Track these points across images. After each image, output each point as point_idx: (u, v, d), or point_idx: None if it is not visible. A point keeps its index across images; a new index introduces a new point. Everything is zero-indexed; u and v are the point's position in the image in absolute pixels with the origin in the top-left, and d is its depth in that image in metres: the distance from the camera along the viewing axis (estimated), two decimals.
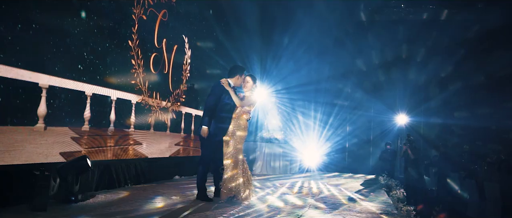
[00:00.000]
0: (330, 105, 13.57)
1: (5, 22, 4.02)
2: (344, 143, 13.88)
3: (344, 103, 14.35)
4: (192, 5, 8.68)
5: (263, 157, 10.87)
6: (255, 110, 11.61)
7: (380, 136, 14.35)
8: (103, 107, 5.75)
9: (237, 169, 5.27)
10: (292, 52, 12.24)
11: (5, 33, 4.03)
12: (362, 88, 14.73)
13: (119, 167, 6.15)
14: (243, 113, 5.44)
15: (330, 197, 6.43)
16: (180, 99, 8.12)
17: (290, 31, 12.08)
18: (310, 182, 8.83)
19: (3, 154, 4.12)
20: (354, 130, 14.69)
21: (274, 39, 12.42)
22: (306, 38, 12.54)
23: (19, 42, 4.22)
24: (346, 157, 13.82)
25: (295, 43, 12.13)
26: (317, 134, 12.93)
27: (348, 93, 14.71)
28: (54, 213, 4.05)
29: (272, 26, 12.32)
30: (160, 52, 7.32)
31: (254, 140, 11.46)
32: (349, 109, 14.35)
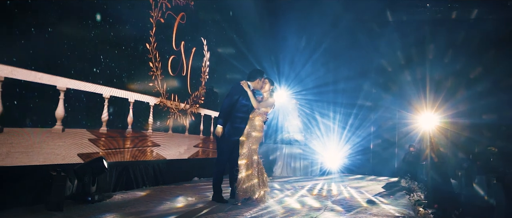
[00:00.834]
0: (352, 107, 13.35)
1: (21, 26, 4.13)
2: (367, 144, 13.61)
3: (367, 104, 14.10)
4: (211, 8, 8.73)
5: (283, 158, 10.80)
6: (275, 112, 11.62)
7: (405, 138, 14.00)
8: (121, 110, 5.83)
9: (251, 169, 5.26)
10: (312, 53, 12.15)
11: (21, 37, 4.14)
12: (387, 89, 14.45)
13: (137, 168, 6.22)
14: (259, 114, 5.47)
15: (349, 200, 6.33)
16: (199, 102, 8.16)
17: (309, 32, 12.00)
18: (330, 185, 8.71)
19: (21, 155, 4.23)
20: (378, 131, 14.40)
21: (293, 40, 12.35)
22: (325, 39, 12.41)
23: (36, 45, 4.34)
24: (370, 159, 13.53)
25: (315, 44, 12.03)
26: (339, 135, 12.75)
27: (371, 94, 14.44)
28: (69, 212, 4.13)
29: (292, 27, 12.25)
30: (178, 55, 7.38)
31: (274, 141, 11.40)
32: (372, 110, 14.08)
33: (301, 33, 12.21)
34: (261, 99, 5.54)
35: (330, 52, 12.77)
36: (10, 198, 4.08)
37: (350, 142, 12.71)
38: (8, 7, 3.97)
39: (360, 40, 13.58)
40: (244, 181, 5.23)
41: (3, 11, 3.92)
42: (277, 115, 11.76)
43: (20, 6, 4.10)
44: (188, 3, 7.66)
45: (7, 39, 4.01)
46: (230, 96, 5.36)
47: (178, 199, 5.50)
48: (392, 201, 6.27)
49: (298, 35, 12.24)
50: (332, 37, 12.45)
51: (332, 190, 7.74)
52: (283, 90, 11.76)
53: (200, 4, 8.10)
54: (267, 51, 11.38)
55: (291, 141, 11.20)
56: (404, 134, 14.35)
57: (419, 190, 7.59)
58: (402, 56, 14.27)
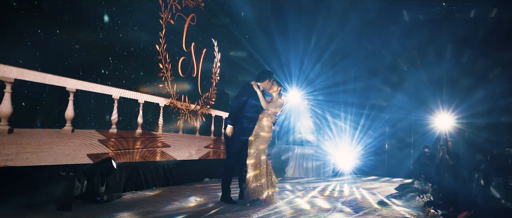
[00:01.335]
0: (365, 107, 13.19)
1: (30, 28, 4.20)
2: (381, 145, 13.43)
3: (381, 104, 13.94)
4: (221, 9, 8.74)
5: (295, 159, 10.74)
6: (287, 113, 11.57)
7: (421, 139, 13.77)
8: (130, 111, 5.88)
9: (259, 169, 5.26)
10: (324, 54, 12.06)
11: (30, 39, 4.21)
12: (402, 89, 14.26)
13: (147, 169, 6.26)
14: (268, 115, 5.48)
15: (360, 201, 6.25)
16: (209, 102, 8.18)
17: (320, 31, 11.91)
18: (343, 186, 8.63)
19: (31, 155, 4.30)
20: (393, 131, 14.21)
21: (304, 41, 12.28)
22: (336, 39, 12.32)
23: (45, 47, 4.40)
24: (385, 160, 13.34)
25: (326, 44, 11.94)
26: (351, 136, 12.62)
27: (386, 94, 14.26)
28: (77, 212, 4.18)
29: (302, 28, 12.19)
30: (189, 56, 7.41)
31: (286, 142, 11.35)
32: (386, 110, 13.90)
33: (312, 34, 12.13)
34: (270, 100, 5.57)
35: (342, 52, 12.65)
36: (20, 198, 4.13)
37: (363, 142, 12.57)
38: (16, 10, 4.03)
39: (374, 40, 13.45)
40: (251, 181, 5.24)
41: (12, 13, 3.99)
42: (289, 116, 11.71)
43: (28, 8, 4.16)
44: (198, 4, 7.69)
45: (17, 41, 4.08)
46: (238, 97, 5.40)
47: (187, 199, 5.51)
48: (403, 203, 6.18)
49: (309, 35, 12.16)
50: (343, 36, 12.35)
51: (344, 191, 7.66)
52: (295, 91, 11.69)
53: (210, 5, 8.12)
54: (279, 52, 11.33)
55: (303, 141, 11.14)
56: (420, 134, 14.13)
57: (432, 192, 7.44)
58: (417, 55, 14.09)
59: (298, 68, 12.02)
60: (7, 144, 4.04)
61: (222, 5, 8.79)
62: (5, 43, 3.98)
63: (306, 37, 12.37)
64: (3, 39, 3.95)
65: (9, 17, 3.98)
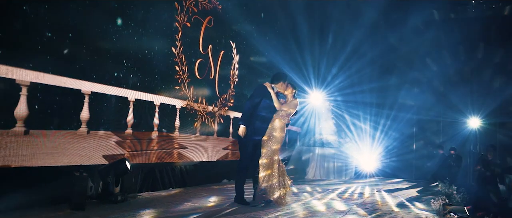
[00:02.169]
0: (390, 107, 12.93)
1: (44, 31, 4.33)
2: (407, 147, 13.13)
3: (410, 104, 13.62)
4: (240, 10, 8.76)
5: (316, 161, 10.63)
6: (308, 114, 11.48)
7: (450, 140, 13.36)
8: (146, 113, 5.97)
9: (271, 169, 5.25)
10: (346, 54, 11.91)
11: (45, 42, 4.34)
12: (431, 89, 13.90)
13: (164, 170, 6.34)
14: (282, 116, 5.47)
15: (378, 204, 6.13)
16: (228, 104, 8.22)
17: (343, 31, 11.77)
18: (364, 188, 8.48)
19: (47, 156, 4.43)
20: (420, 133, 13.87)
21: (328, 41, 12.17)
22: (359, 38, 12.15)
23: (61, 50, 4.54)
24: (411, 162, 13.01)
25: (349, 43, 11.78)
26: (375, 137, 12.38)
27: (414, 94, 13.92)
28: (90, 212, 4.27)
29: (326, 27, 12.08)
30: (206, 58, 7.47)
31: (307, 144, 11.26)
32: (414, 111, 13.57)
33: (334, 34, 12.01)
34: (284, 102, 5.54)
35: (362, 52, 12.46)
36: (35, 197, 4.27)
37: (387, 144, 12.31)
38: (30, 14, 4.17)
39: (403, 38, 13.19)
40: (263, 180, 5.24)
41: (25, 18, 4.12)
42: (310, 117, 11.61)
43: (44, 12, 4.30)
44: (215, 6, 7.74)
45: (32, 45, 4.21)
46: (252, 98, 5.43)
47: (200, 200, 5.55)
48: (422, 205, 6.01)
49: (332, 35, 12.05)
50: (365, 37, 12.17)
51: (364, 193, 7.53)
52: (316, 92, 11.60)
53: (228, 7, 8.15)
54: (299, 53, 11.27)
55: (324, 143, 11.02)
56: (449, 135, 13.73)
57: (457, 195, 7.19)
58: (448, 55, 13.72)
59: (319, 70, 11.92)
60: (23, 145, 4.18)
61: (241, 6, 8.81)
62: (21, 47, 4.11)
63: (332, 37, 12.27)
64: (18, 44, 4.09)
65: (23, 22, 4.11)
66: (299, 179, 10.07)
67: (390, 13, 11.95)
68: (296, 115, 5.80)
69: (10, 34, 4.00)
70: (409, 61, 13.69)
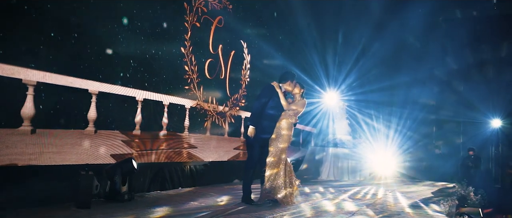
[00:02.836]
0: (408, 107, 12.68)
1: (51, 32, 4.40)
2: (426, 147, 12.86)
3: (429, 104, 13.34)
4: (251, 10, 8.74)
5: (330, 162, 10.51)
6: (323, 114, 11.38)
7: (470, 141, 13.02)
8: (155, 112, 6.01)
9: (278, 168, 5.22)
10: (362, 53, 11.75)
11: (52, 43, 4.40)
12: (451, 89, 13.60)
13: (173, 169, 6.37)
14: (289, 116, 5.43)
15: (389, 205, 6.00)
16: (239, 104, 8.20)
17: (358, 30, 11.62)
18: (379, 189, 8.32)
19: (54, 155, 4.50)
20: (440, 133, 13.58)
21: (342, 41, 12.03)
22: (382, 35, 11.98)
23: (68, 50, 4.61)
24: (429, 163, 12.70)
25: (364, 43, 11.63)
26: (392, 138, 12.16)
27: (433, 94, 13.63)
28: (95, 210, 4.30)
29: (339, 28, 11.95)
30: (216, 58, 7.47)
31: (322, 144, 11.15)
32: (433, 111, 13.28)
33: (348, 33, 11.87)
34: (292, 102, 5.51)
35: (382, 51, 12.26)
36: (42, 195, 4.33)
37: (405, 144, 12.07)
38: (35, 14, 4.24)
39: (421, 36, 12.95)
40: (269, 179, 5.20)
41: (31, 19, 4.19)
42: (324, 117, 11.50)
43: (50, 12, 4.37)
44: (226, 6, 7.74)
45: (38, 45, 4.28)
46: (259, 98, 5.42)
47: (208, 199, 5.55)
48: (436, 207, 5.86)
49: (345, 35, 11.91)
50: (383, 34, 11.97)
51: (378, 194, 7.39)
52: (330, 92, 11.48)
53: (239, 7, 8.14)
54: (314, 52, 11.17)
55: (338, 143, 10.89)
56: (469, 135, 13.40)
57: (474, 197, 6.97)
58: (470, 53, 13.41)
59: (333, 69, 11.80)
60: (30, 144, 4.25)
61: (253, 6, 8.79)
62: (27, 47, 4.19)
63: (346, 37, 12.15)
64: (24, 44, 4.16)
65: (28, 23, 4.18)
66: (312, 179, 9.98)
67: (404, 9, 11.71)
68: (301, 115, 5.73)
69: (16, 34, 4.08)
70: (428, 60, 13.44)
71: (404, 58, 12.92)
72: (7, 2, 3.96)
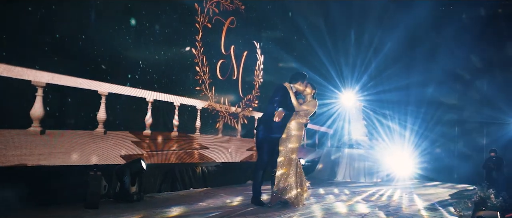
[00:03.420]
0: (428, 106, 12.37)
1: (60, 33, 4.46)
2: (447, 149, 12.52)
3: (451, 103, 12.99)
4: (265, 10, 8.69)
5: (346, 162, 10.35)
6: (339, 115, 11.22)
7: (494, 142, 12.60)
8: (165, 113, 6.03)
9: (288, 168, 5.18)
10: (378, 52, 11.55)
11: (62, 44, 4.46)
12: (475, 88, 13.21)
13: (184, 170, 6.37)
14: (300, 116, 5.39)
15: (404, 207, 5.85)
16: (252, 105, 8.16)
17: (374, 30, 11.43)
18: (395, 191, 8.14)
19: (63, 155, 4.55)
20: (462, 134, 13.19)
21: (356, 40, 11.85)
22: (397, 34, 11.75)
23: (77, 51, 4.66)
24: (449, 164, 12.36)
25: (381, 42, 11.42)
26: (411, 138, 11.89)
27: (455, 93, 13.26)
28: (102, 210, 4.33)
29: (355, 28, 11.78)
30: (228, 59, 7.46)
31: (337, 145, 10.99)
32: (455, 112, 12.93)
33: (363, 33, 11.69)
34: (303, 102, 5.46)
35: (398, 49, 12.02)
36: (52, 196, 4.39)
37: (425, 145, 11.79)
38: (44, 16, 4.30)
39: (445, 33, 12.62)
40: (280, 180, 5.16)
41: (39, 21, 4.25)
42: (341, 118, 11.35)
43: (62, 14, 4.43)
44: (238, 7, 7.72)
45: (47, 47, 4.34)
46: (278, 96, 5.36)
47: (217, 200, 5.52)
48: (451, 210, 5.68)
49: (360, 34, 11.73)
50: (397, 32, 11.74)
51: (393, 196, 7.23)
52: (347, 93, 11.33)
53: (252, 7, 8.11)
54: (329, 53, 11.04)
55: (355, 144, 10.71)
56: (492, 137, 12.98)
57: (495, 200, 6.72)
58: (494, 51, 13.00)
59: (350, 70, 11.64)
60: (40, 144, 4.31)
61: (266, 5, 8.73)
62: (36, 49, 4.25)
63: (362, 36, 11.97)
64: (33, 46, 4.23)
65: (37, 25, 4.24)
66: (328, 181, 9.86)
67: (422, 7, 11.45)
68: (314, 115, 5.67)
69: (25, 36, 4.15)
70: (449, 59, 13.08)
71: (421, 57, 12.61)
72: (15, 3, 4.04)
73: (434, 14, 11.96)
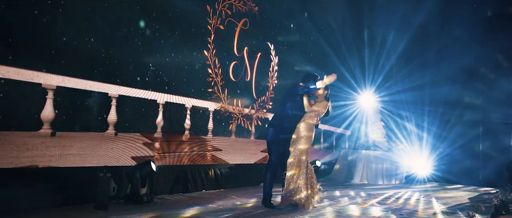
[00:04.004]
0: (450, 105, 12.01)
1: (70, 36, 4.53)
2: (471, 150, 12.12)
3: (475, 103, 12.59)
4: (279, 11, 8.64)
5: (363, 164, 10.16)
6: (356, 116, 11.06)
7: None
8: (177, 115, 6.06)
9: (298, 169, 5.14)
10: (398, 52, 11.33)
11: (71, 46, 4.54)
12: (500, 87, 12.78)
13: (196, 172, 6.39)
14: (310, 117, 5.36)
15: (418, 211, 5.69)
16: (266, 106, 8.12)
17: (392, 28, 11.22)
18: (413, 194, 7.94)
19: (74, 157, 4.63)
20: (487, 135, 12.76)
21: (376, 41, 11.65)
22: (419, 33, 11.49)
23: (88, 54, 4.73)
24: (474, 167, 11.95)
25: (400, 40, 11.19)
26: (431, 139, 11.59)
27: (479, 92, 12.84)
28: (111, 211, 4.39)
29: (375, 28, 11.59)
30: (241, 61, 7.45)
31: (355, 147, 10.82)
32: (480, 111, 12.52)
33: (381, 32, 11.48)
34: (314, 103, 5.40)
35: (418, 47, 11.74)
36: (63, 196, 4.48)
37: (447, 146, 11.45)
38: (59, 19, 4.39)
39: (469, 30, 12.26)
40: (290, 181, 5.12)
41: (48, 24, 4.34)
42: (359, 120, 11.17)
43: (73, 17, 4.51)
44: (251, 8, 7.70)
45: (57, 50, 4.42)
46: (282, 103, 5.40)
47: (227, 202, 5.53)
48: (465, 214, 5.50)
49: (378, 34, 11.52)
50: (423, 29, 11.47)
51: (410, 199, 7.05)
52: (364, 94, 11.15)
53: (266, 8, 8.08)
54: (347, 53, 10.89)
55: (372, 145, 10.51)
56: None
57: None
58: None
59: (366, 70, 11.46)
60: (50, 146, 4.40)
61: (281, 7, 8.69)
62: (46, 52, 4.34)
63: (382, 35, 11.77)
64: (44, 49, 4.31)
65: (47, 29, 4.33)
66: (345, 183, 9.71)
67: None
68: (327, 116, 5.60)
69: (35, 40, 4.24)
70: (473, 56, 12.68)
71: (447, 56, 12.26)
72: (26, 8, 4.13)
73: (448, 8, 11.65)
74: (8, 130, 4.04)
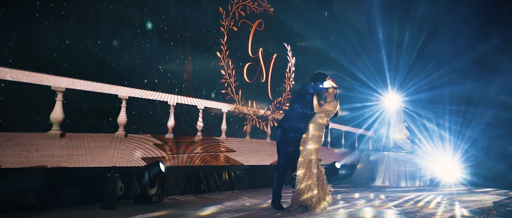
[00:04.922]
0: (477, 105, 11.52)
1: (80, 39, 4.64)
2: (502, 151, 11.57)
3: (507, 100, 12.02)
4: (296, 11, 8.56)
5: (386, 165, 9.90)
6: (379, 118, 10.80)
7: None
8: (189, 116, 6.10)
9: (307, 169, 5.08)
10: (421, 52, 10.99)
11: (81, 49, 4.65)
12: None
13: (209, 173, 6.40)
14: (320, 117, 5.26)
15: (439, 215, 5.47)
16: (282, 108, 8.06)
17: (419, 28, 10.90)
18: (436, 197, 7.65)
19: (84, 157, 4.73)
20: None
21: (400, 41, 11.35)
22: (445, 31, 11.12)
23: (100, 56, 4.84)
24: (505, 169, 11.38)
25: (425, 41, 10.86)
26: (457, 140, 11.15)
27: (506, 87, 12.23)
28: (118, 211, 4.45)
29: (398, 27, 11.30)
30: (256, 62, 7.42)
31: (377, 149, 10.57)
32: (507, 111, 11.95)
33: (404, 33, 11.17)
34: (324, 103, 5.32)
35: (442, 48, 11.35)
36: (71, 196, 4.59)
37: (474, 148, 10.99)
38: (66, 23, 4.50)
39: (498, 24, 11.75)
40: (298, 181, 5.05)
41: (57, 27, 4.45)
42: (382, 121, 10.90)
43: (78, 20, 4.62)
44: (266, 9, 7.67)
45: (67, 52, 4.54)
46: (292, 104, 5.35)
47: (237, 203, 5.51)
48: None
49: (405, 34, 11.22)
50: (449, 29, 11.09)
51: (431, 203, 6.80)
52: (388, 94, 10.87)
53: (282, 9, 8.02)
54: (368, 53, 10.67)
55: (395, 147, 10.23)
56: None
57: None
58: None
59: (390, 71, 11.17)
60: (60, 146, 4.51)
61: (298, 7, 8.61)
62: (55, 56, 4.45)
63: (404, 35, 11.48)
64: (53, 52, 4.43)
65: (56, 31, 4.44)
66: (366, 185, 9.50)
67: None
68: (336, 117, 5.49)
69: (44, 43, 4.36)
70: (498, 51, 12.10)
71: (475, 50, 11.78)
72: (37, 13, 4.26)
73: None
74: (18, 131, 4.17)
